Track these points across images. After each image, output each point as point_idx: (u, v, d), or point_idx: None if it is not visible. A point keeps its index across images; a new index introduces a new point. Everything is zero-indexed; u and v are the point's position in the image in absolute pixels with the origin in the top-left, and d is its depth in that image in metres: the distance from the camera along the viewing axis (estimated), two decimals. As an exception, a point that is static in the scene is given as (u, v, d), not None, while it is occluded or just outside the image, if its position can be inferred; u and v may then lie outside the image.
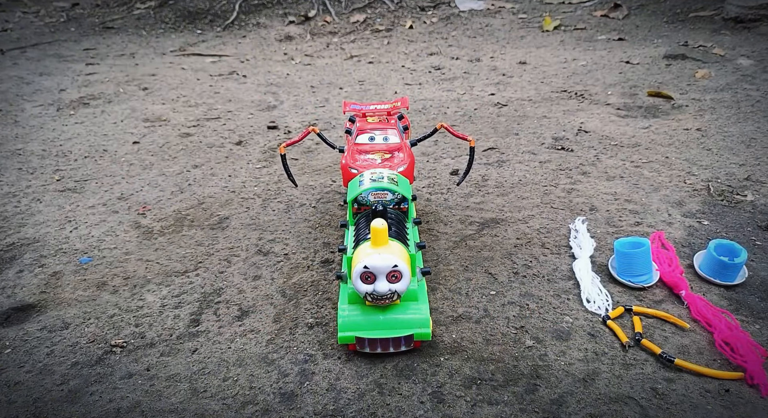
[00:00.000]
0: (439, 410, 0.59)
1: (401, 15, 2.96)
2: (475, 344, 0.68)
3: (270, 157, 1.30)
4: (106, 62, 2.34)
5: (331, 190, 1.11)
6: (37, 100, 1.81)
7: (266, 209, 1.05)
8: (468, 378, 0.63)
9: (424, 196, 1.07)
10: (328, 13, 3.00)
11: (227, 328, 0.73)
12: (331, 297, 0.77)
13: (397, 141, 0.84)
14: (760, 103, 1.51)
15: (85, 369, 0.66)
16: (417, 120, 1.50)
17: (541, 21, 2.69)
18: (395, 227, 0.68)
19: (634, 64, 1.96)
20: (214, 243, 0.93)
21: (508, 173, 1.15)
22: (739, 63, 1.88)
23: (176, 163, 1.28)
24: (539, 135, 1.36)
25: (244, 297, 0.79)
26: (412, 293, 0.65)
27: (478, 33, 2.62)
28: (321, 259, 0.87)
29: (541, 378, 0.62)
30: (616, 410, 0.57)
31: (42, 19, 3.23)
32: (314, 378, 0.63)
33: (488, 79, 1.89)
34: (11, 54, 2.47)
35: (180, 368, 0.66)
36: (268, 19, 3.00)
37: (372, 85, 1.90)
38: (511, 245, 0.89)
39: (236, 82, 1.99)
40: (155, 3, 3.28)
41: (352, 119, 0.91)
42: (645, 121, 1.43)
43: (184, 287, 0.81)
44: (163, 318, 0.75)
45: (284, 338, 0.70)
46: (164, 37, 2.86)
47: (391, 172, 0.75)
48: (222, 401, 0.61)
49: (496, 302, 0.75)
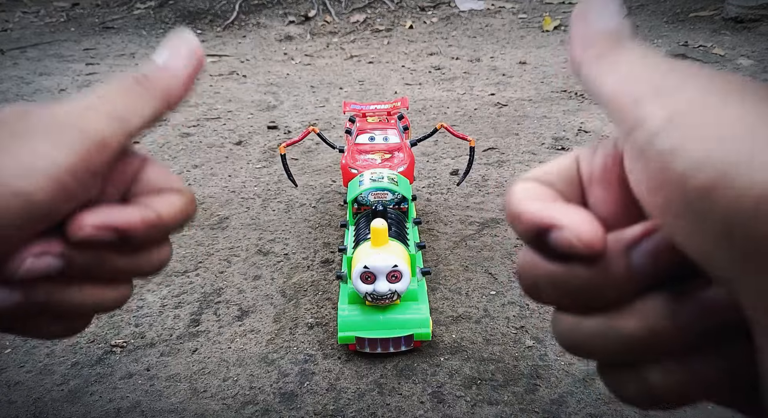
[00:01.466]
0: (439, 410, 0.59)
1: (401, 15, 2.96)
2: (475, 344, 0.68)
3: (270, 157, 1.30)
4: (106, 62, 2.34)
5: (331, 190, 1.11)
6: (37, 100, 1.81)
7: (266, 209, 1.05)
8: (468, 378, 0.63)
9: (424, 196, 1.07)
10: (328, 13, 3.00)
11: (227, 328, 0.73)
12: (331, 297, 0.77)
13: (397, 141, 0.84)
14: (760, 103, 1.51)
15: (85, 369, 0.66)
16: (417, 120, 1.50)
17: (541, 21, 2.69)
18: (395, 227, 0.68)
19: (634, 64, 1.96)
20: (214, 243, 0.93)
21: (508, 173, 1.15)
22: (739, 63, 1.88)
23: (176, 163, 1.28)
24: (539, 135, 1.36)
25: (244, 297, 0.79)
26: (412, 293, 0.65)
27: (478, 33, 2.62)
28: (321, 259, 0.87)
29: (541, 378, 0.62)
30: (616, 410, 0.57)
31: (42, 19, 3.23)
32: (314, 378, 0.63)
33: (488, 79, 1.89)
34: (11, 54, 2.47)
35: (180, 368, 0.66)
36: (268, 19, 3.00)
37: (372, 85, 1.90)
38: (511, 245, 0.89)
39: (236, 82, 1.99)
40: (155, 3, 3.28)
41: (352, 119, 0.91)
42: (645, 121, 1.43)
43: (184, 287, 0.81)
44: (163, 318, 0.75)
45: (284, 338, 0.70)
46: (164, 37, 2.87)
47: (391, 172, 0.75)
48: (222, 401, 0.61)
49: (496, 302, 0.75)
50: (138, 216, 0.19)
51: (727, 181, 0.12)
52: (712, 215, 0.12)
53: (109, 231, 0.18)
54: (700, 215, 0.13)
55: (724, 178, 0.12)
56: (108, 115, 0.19)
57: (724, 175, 0.12)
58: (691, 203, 0.13)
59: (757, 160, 0.12)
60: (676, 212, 0.13)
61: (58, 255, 0.18)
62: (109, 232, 0.18)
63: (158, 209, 0.20)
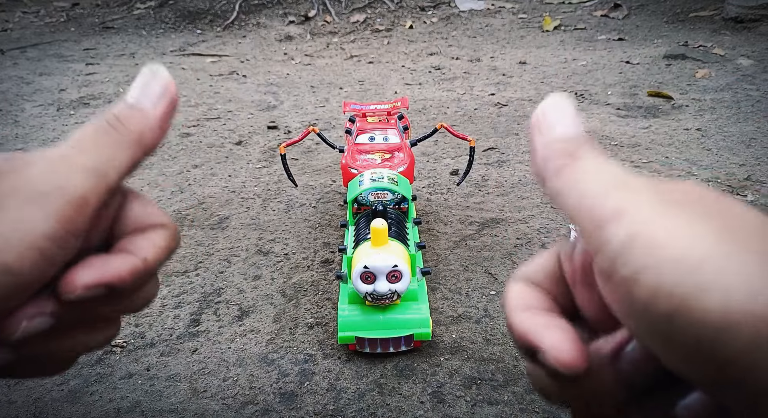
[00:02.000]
0: (439, 410, 0.59)
1: (401, 15, 2.96)
2: (475, 344, 0.68)
3: (270, 157, 1.30)
4: (106, 62, 2.34)
5: (331, 190, 1.11)
6: (37, 100, 1.81)
7: (266, 209, 1.05)
8: (468, 378, 0.63)
9: (424, 196, 1.07)
10: (328, 13, 3.00)
11: (227, 328, 0.73)
12: (331, 297, 0.77)
13: (397, 141, 0.84)
14: (760, 103, 1.51)
15: (85, 369, 0.66)
16: (417, 120, 1.50)
17: (541, 21, 2.69)
18: (395, 227, 0.68)
19: (634, 64, 1.96)
20: (214, 243, 0.93)
21: (508, 173, 1.15)
22: (739, 63, 1.88)
23: (176, 163, 1.28)
24: (539, 135, 1.36)
25: (244, 297, 0.79)
26: (412, 293, 0.65)
27: (478, 33, 2.62)
28: (321, 259, 0.87)
29: (541, 378, 0.62)
30: (616, 410, 0.57)
31: (42, 19, 3.23)
32: (314, 378, 0.63)
33: (488, 79, 1.89)
34: (11, 54, 2.47)
35: (180, 368, 0.66)
36: (268, 19, 3.00)
37: (372, 85, 1.90)
38: (511, 245, 0.89)
39: (236, 82, 1.99)
40: (155, 3, 3.28)
41: (352, 119, 0.90)
42: (645, 121, 1.43)
43: (184, 287, 0.81)
44: (163, 318, 0.75)
45: (284, 338, 0.70)
46: (164, 37, 2.86)
47: (391, 172, 0.75)
48: (222, 401, 0.61)
49: (496, 302, 0.75)
50: (126, 268, 0.19)
51: (684, 310, 0.12)
52: (677, 338, 0.13)
53: (100, 288, 0.18)
54: (666, 338, 0.13)
55: (681, 307, 0.13)
56: (85, 169, 0.18)
57: (680, 304, 0.13)
58: (657, 328, 0.13)
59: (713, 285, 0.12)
60: (645, 335, 0.14)
61: (51, 314, 0.18)
62: (100, 288, 0.18)
63: (144, 254, 0.19)
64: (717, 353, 0.12)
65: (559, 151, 0.18)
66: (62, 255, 0.17)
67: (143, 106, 0.20)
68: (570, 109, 0.19)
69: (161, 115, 0.20)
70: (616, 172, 0.16)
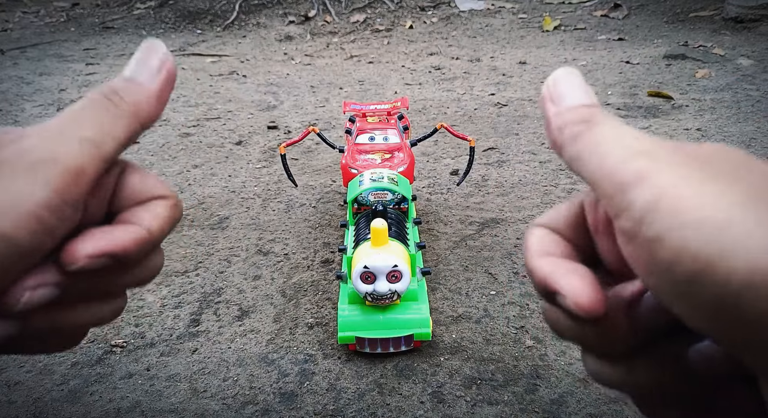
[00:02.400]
0: (439, 410, 0.59)
1: (401, 15, 2.96)
2: (475, 344, 0.68)
3: (270, 157, 1.30)
4: (106, 62, 2.34)
5: (331, 190, 1.11)
6: (37, 100, 1.81)
7: (266, 209, 1.05)
8: (468, 378, 0.63)
9: (424, 196, 1.07)
10: (328, 13, 3.00)
11: (227, 328, 0.73)
12: (331, 297, 0.77)
13: (397, 141, 0.84)
14: (760, 103, 1.51)
15: (85, 369, 0.66)
16: (417, 120, 1.50)
17: (541, 21, 2.69)
18: (395, 227, 0.68)
19: (634, 64, 1.96)
20: (214, 243, 0.93)
21: (508, 173, 1.15)
22: (739, 63, 1.88)
23: (176, 163, 1.28)
24: (539, 135, 1.36)
25: (244, 297, 0.79)
26: (412, 293, 0.65)
27: (478, 33, 2.62)
28: (321, 259, 0.87)
29: (541, 378, 0.62)
30: (616, 411, 0.57)
31: (42, 19, 3.23)
32: (314, 378, 0.63)
33: (488, 79, 1.89)
34: (11, 54, 2.47)
35: (180, 368, 0.66)
36: (268, 19, 3.00)
37: (372, 85, 1.90)
38: (511, 245, 0.89)
39: (236, 82, 1.99)
40: (155, 3, 3.28)
41: (352, 119, 0.91)
42: (645, 121, 1.43)
43: (184, 287, 0.81)
44: (163, 318, 0.75)
45: (284, 338, 0.70)
46: (164, 37, 2.86)
47: (391, 172, 0.75)
48: (222, 401, 0.61)
49: (496, 302, 0.75)
50: (129, 237, 0.19)
51: (708, 271, 0.13)
52: (700, 298, 0.13)
53: (104, 258, 0.18)
54: (688, 298, 0.13)
55: (705, 267, 0.13)
56: (81, 140, 0.18)
57: (705, 265, 0.13)
58: (679, 288, 0.14)
59: (739, 246, 0.12)
60: (667, 294, 0.14)
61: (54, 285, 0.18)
62: (104, 258, 0.18)
63: (147, 225, 0.19)
64: (741, 313, 0.12)
65: (574, 118, 0.18)
66: (61, 226, 0.17)
67: (140, 80, 0.20)
68: (579, 79, 0.19)
69: (158, 89, 0.20)
70: (636, 135, 0.17)
